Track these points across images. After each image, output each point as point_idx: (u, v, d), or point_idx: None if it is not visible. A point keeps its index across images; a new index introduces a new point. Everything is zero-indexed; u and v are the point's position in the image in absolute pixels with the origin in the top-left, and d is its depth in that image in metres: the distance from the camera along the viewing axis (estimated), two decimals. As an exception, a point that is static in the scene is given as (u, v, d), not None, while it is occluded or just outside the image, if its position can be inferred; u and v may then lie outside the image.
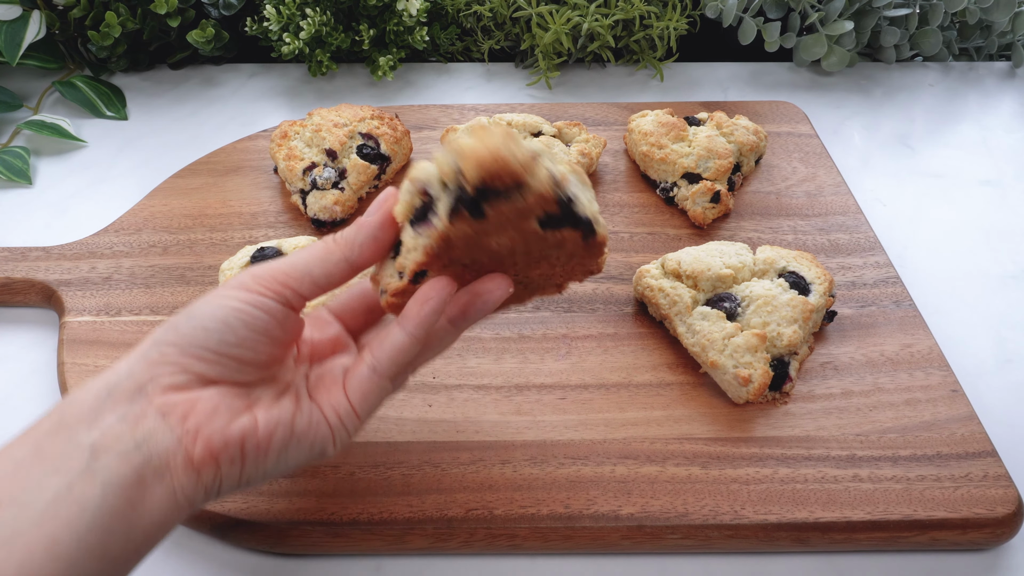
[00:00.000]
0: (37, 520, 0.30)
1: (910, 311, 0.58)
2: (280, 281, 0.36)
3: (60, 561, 0.30)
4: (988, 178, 0.76)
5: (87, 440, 0.32)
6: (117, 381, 0.34)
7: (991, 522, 0.45)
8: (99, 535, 0.31)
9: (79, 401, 0.33)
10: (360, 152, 0.67)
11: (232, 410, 0.35)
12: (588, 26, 0.82)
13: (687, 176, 0.66)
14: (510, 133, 0.33)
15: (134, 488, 0.32)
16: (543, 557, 0.45)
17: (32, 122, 0.76)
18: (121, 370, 0.34)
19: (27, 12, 0.78)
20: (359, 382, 0.38)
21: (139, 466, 0.32)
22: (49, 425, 0.33)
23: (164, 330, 0.35)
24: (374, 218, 0.37)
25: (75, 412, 0.33)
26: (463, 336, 0.55)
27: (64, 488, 0.31)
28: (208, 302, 0.36)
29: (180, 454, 0.33)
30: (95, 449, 0.32)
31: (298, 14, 0.80)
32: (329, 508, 0.45)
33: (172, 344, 0.35)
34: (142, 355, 0.35)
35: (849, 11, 0.86)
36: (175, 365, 0.34)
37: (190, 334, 0.35)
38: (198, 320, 0.35)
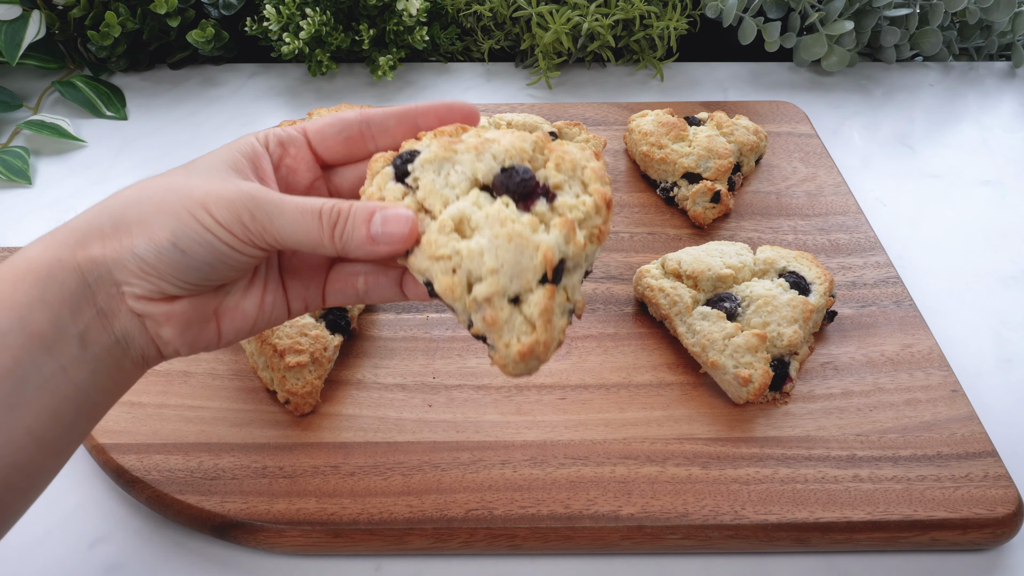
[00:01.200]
0: (38, 393, 0.33)
1: (910, 311, 0.58)
2: (273, 240, 0.36)
3: (61, 425, 0.34)
4: (988, 178, 0.76)
5: (74, 329, 0.34)
6: (96, 274, 0.34)
7: (991, 522, 0.45)
8: (91, 406, 0.35)
9: (59, 281, 0.33)
10: (360, 152, 0.67)
11: (201, 323, 0.37)
12: (588, 26, 0.82)
13: (687, 176, 0.66)
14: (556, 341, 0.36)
15: (117, 373, 0.36)
16: (543, 557, 0.45)
17: (32, 122, 0.76)
18: (99, 263, 0.34)
19: (27, 12, 0.78)
20: (343, 298, 0.41)
21: (119, 357, 0.36)
22: (31, 297, 0.33)
23: (145, 247, 0.34)
24: (379, 249, 0.36)
25: (57, 294, 0.33)
26: (463, 336, 0.55)
27: (59, 369, 0.33)
28: (200, 230, 0.34)
29: (153, 349, 0.37)
30: (83, 339, 0.34)
31: (298, 14, 0.80)
32: (329, 508, 0.45)
33: (153, 267, 0.34)
34: (119, 260, 0.34)
35: (849, 11, 0.86)
36: (151, 283, 0.35)
37: (172, 265, 0.35)
38: (183, 257, 0.34)
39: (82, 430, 0.36)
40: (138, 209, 0.35)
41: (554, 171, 0.37)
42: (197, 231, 0.34)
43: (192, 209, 0.35)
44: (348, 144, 0.40)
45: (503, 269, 0.34)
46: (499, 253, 0.34)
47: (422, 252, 0.35)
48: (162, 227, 0.34)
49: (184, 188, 0.35)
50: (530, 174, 0.36)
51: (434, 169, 0.36)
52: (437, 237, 0.35)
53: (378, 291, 0.41)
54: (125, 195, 0.36)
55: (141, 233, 0.34)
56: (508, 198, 0.36)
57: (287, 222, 0.35)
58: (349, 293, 0.41)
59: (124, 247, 0.34)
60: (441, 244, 0.34)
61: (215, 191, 0.35)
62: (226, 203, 0.35)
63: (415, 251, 0.35)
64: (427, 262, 0.35)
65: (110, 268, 0.34)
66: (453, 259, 0.34)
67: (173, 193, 0.35)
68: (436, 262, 0.35)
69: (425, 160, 0.37)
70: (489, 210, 0.35)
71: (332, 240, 0.35)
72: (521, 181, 0.36)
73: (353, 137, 0.40)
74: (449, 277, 0.34)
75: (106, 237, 0.35)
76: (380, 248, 0.35)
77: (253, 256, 0.36)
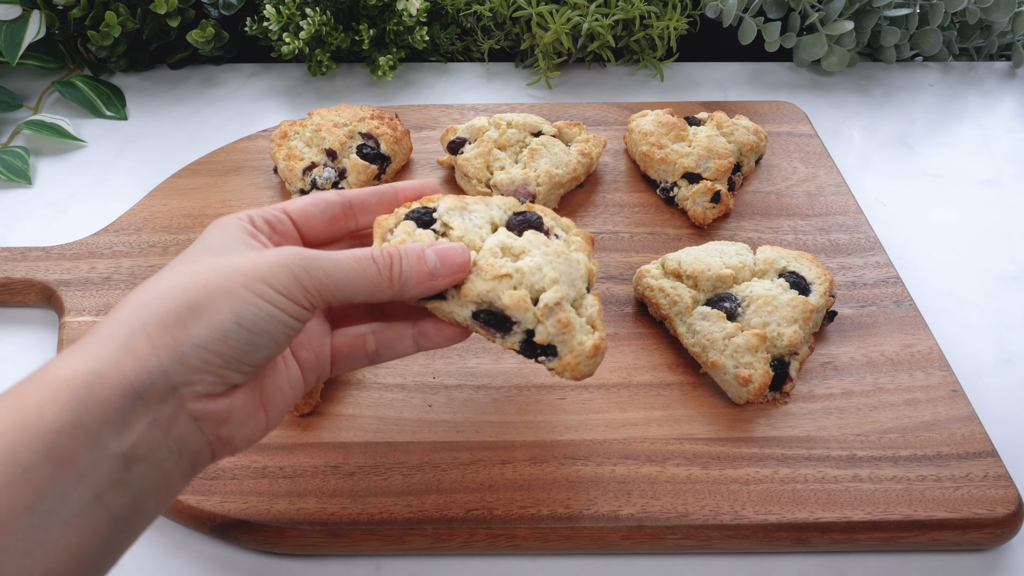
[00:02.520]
0: (63, 530, 0.28)
1: (910, 311, 0.58)
2: (330, 295, 0.35)
3: (86, 563, 0.29)
4: (988, 178, 0.76)
5: (117, 449, 0.30)
6: (149, 381, 0.31)
7: (991, 522, 0.45)
8: (123, 533, 0.31)
9: (101, 401, 0.29)
10: (360, 152, 0.67)
11: (255, 412, 0.35)
12: (588, 26, 0.82)
13: (687, 176, 0.66)
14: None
15: (163, 490, 0.32)
16: (543, 557, 0.45)
17: (32, 122, 0.76)
18: (151, 367, 0.31)
19: (27, 12, 0.78)
20: (352, 364, 0.41)
21: (170, 470, 0.32)
22: (62, 424, 0.29)
23: (202, 326, 0.32)
24: (437, 283, 0.37)
25: (98, 415, 0.29)
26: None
27: (92, 498, 0.29)
28: (258, 309, 0.33)
29: (207, 453, 0.34)
30: (128, 459, 0.30)
31: (298, 14, 0.80)
32: (329, 508, 0.45)
33: (219, 355, 0.32)
34: (179, 356, 0.31)
35: (849, 11, 0.86)
36: (216, 376, 0.32)
37: (239, 348, 0.32)
38: (250, 335, 0.33)
39: (108, 562, 0.31)
40: (185, 297, 0.32)
41: (546, 217, 0.44)
42: (260, 305, 0.33)
43: (248, 284, 0.33)
44: (332, 223, 0.41)
45: (562, 279, 0.40)
46: (553, 266, 0.40)
47: (479, 277, 0.39)
48: (221, 309, 0.32)
49: (227, 266, 0.33)
50: (537, 216, 0.43)
51: (458, 215, 0.41)
52: (494, 260, 0.39)
53: (390, 348, 0.41)
54: (160, 288, 0.33)
55: (198, 322, 0.32)
56: (534, 231, 0.42)
57: (344, 273, 0.35)
58: (358, 356, 0.41)
59: (180, 342, 0.31)
60: (501, 265, 0.39)
61: (263, 261, 0.34)
62: (280, 269, 0.33)
63: (468, 280, 0.39)
64: (489, 283, 0.38)
65: (165, 371, 0.31)
66: (515, 276, 0.39)
67: (218, 273, 0.33)
68: (500, 281, 0.38)
69: (448, 208, 0.41)
70: (528, 237, 0.41)
71: (391, 282, 0.36)
72: (532, 218, 0.43)
73: (337, 216, 0.41)
74: (516, 292, 0.38)
75: (154, 336, 0.31)
76: (439, 281, 0.37)
77: (306, 320, 0.35)
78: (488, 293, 0.38)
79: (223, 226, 0.37)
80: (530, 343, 0.40)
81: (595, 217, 0.66)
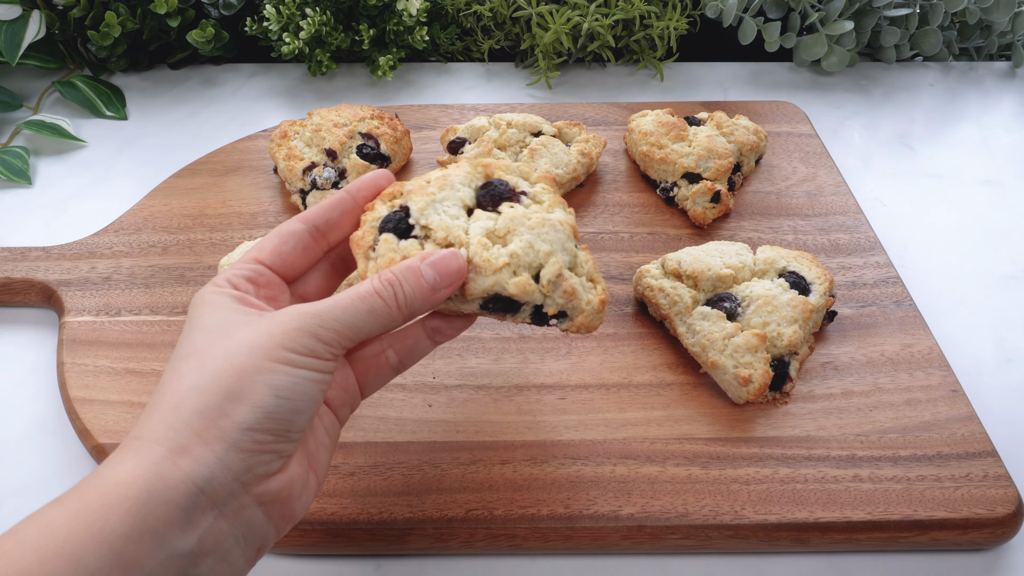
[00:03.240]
0: None
1: (910, 311, 0.58)
2: (348, 341, 0.35)
3: None
4: (988, 178, 0.76)
5: (185, 547, 0.30)
6: (209, 475, 0.31)
7: (991, 522, 0.45)
8: None
9: (164, 501, 0.30)
10: (360, 152, 0.67)
11: (307, 477, 0.35)
12: (588, 26, 0.82)
13: (687, 176, 0.66)
14: None
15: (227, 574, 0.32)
16: (543, 557, 0.45)
17: (32, 122, 0.76)
18: (208, 462, 0.31)
19: (27, 12, 0.78)
20: (380, 380, 0.41)
21: (237, 558, 0.32)
22: (128, 529, 0.29)
23: (244, 409, 0.32)
24: (440, 295, 0.37)
25: (164, 516, 0.29)
26: (463, 336, 0.55)
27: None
28: (292, 376, 0.33)
29: (272, 534, 0.34)
30: (195, 555, 0.30)
31: (298, 14, 0.80)
32: (329, 508, 0.45)
33: (268, 432, 0.32)
34: (232, 444, 0.31)
35: (849, 11, 0.86)
36: (272, 453, 0.33)
37: (284, 419, 0.33)
38: (290, 403, 0.33)
39: None
40: (219, 387, 0.32)
41: (508, 176, 0.43)
42: (291, 372, 0.33)
43: (273, 356, 0.33)
44: (305, 253, 0.41)
45: (554, 249, 0.40)
46: (543, 238, 0.40)
47: (480, 275, 0.38)
48: (256, 389, 0.32)
49: (245, 346, 0.33)
50: (503, 183, 0.42)
51: (432, 211, 0.40)
52: (487, 253, 0.39)
53: (410, 354, 0.41)
54: (187, 385, 0.33)
55: (239, 407, 0.32)
56: (507, 203, 0.41)
57: (355, 316, 0.35)
58: (383, 373, 0.41)
59: (228, 431, 0.31)
60: (497, 256, 0.39)
61: (277, 331, 0.34)
62: (296, 332, 0.34)
63: (470, 280, 0.39)
64: (492, 277, 0.38)
65: (223, 462, 0.31)
66: (512, 262, 0.39)
67: (239, 355, 0.33)
68: (500, 273, 0.38)
69: (421, 208, 0.40)
70: (508, 214, 0.40)
71: (399, 310, 0.36)
72: (500, 188, 0.42)
73: (308, 245, 0.41)
74: (519, 278, 0.38)
75: (202, 432, 0.31)
76: (442, 293, 0.37)
77: (333, 371, 0.35)
78: (493, 287, 0.39)
79: (212, 304, 0.36)
80: (539, 314, 0.41)
81: (595, 217, 0.66)
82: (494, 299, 0.39)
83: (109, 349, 0.54)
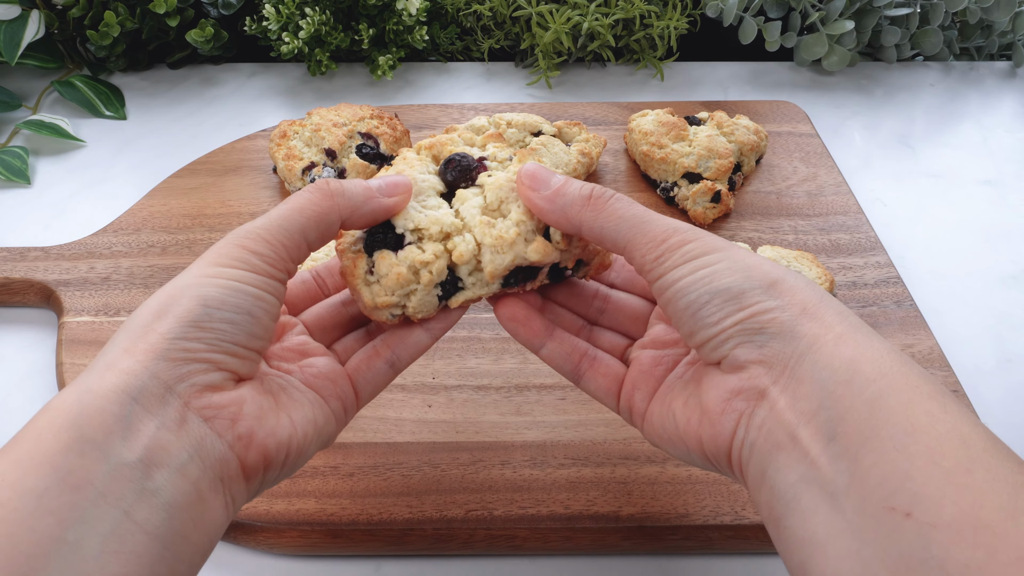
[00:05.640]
0: (99, 560, 0.25)
1: (911, 311, 0.57)
2: (288, 254, 0.34)
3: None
4: (988, 178, 0.76)
5: (131, 455, 0.27)
6: (139, 384, 0.29)
7: (992, 523, 0.44)
8: (169, 562, 0.27)
9: (97, 408, 0.28)
10: (359, 152, 0.67)
11: (272, 411, 0.33)
12: (588, 25, 0.82)
13: (687, 176, 0.66)
14: None
15: (196, 506, 0.29)
16: (543, 557, 0.45)
17: (31, 122, 0.76)
18: (136, 371, 0.29)
19: (26, 12, 0.78)
20: (374, 376, 0.38)
21: (197, 480, 0.29)
22: (63, 441, 0.27)
23: (171, 321, 0.30)
24: (389, 203, 0.36)
25: (98, 423, 0.27)
26: (463, 336, 0.55)
27: (121, 516, 0.26)
28: (221, 286, 0.32)
29: (233, 462, 0.31)
30: (146, 464, 0.28)
31: (297, 13, 0.80)
32: (329, 508, 0.45)
33: (197, 340, 0.30)
34: (160, 354, 0.30)
35: (850, 10, 0.86)
36: (207, 363, 0.31)
37: (217, 328, 0.31)
38: (220, 311, 0.31)
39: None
40: (149, 307, 0.31)
41: (460, 148, 0.41)
42: (219, 283, 0.32)
43: (202, 272, 0.32)
44: (308, 294, 0.42)
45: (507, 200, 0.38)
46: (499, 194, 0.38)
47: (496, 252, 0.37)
48: (183, 301, 0.31)
49: (184, 272, 0.33)
50: (463, 156, 0.40)
51: (412, 211, 0.38)
52: (496, 231, 0.37)
53: (403, 344, 0.38)
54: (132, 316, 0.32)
55: (166, 319, 0.31)
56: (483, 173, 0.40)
57: (282, 218, 0.34)
58: (379, 372, 0.38)
59: (155, 342, 0.30)
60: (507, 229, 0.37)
61: (209, 252, 0.33)
62: (224, 246, 0.33)
63: (487, 262, 0.37)
64: (510, 252, 0.37)
65: (152, 371, 0.29)
66: (521, 230, 0.37)
67: (176, 280, 0.33)
68: (516, 244, 0.37)
69: (399, 215, 0.38)
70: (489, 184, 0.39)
71: (331, 197, 0.35)
72: (464, 161, 0.40)
73: (312, 289, 0.41)
74: (535, 243, 0.37)
75: (130, 348, 0.30)
76: (383, 201, 0.36)
77: (272, 288, 0.33)
78: (514, 261, 0.37)
79: None
80: (557, 271, 0.39)
81: (595, 217, 0.66)
82: (514, 273, 0.38)
83: (108, 349, 0.54)
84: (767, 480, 0.30)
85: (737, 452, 0.31)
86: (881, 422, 0.27)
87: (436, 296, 0.37)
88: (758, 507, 0.31)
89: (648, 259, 0.33)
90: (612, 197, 0.35)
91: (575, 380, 0.39)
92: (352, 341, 0.40)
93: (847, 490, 0.26)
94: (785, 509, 0.28)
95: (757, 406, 0.31)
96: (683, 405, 0.34)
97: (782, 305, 0.31)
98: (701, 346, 0.33)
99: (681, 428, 0.34)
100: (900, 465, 0.26)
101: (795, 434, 0.29)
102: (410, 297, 0.37)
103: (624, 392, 0.38)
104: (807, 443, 0.28)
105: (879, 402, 0.27)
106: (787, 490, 0.28)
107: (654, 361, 0.38)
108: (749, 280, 0.32)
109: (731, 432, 0.31)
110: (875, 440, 0.27)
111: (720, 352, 0.32)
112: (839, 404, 0.28)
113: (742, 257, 0.33)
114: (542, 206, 0.36)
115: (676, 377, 0.37)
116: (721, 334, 0.32)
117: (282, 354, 0.37)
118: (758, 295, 0.31)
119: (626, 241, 0.34)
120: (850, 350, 0.29)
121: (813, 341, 0.30)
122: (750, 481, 0.31)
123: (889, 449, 0.26)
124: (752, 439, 0.30)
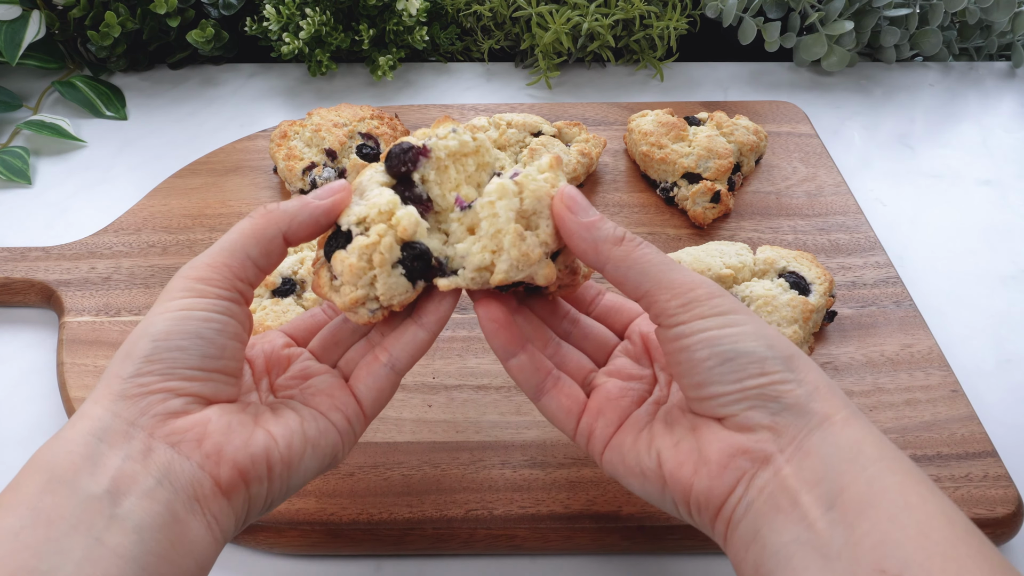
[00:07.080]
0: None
1: (910, 311, 0.58)
2: (233, 273, 0.35)
3: None
4: (988, 178, 0.76)
5: (97, 488, 0.29)
6: (102, 426, 0.31)
7: (991, 522, 0.45)
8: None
9: (66, 452, 0.30)
10: (360, 152, 0.67)
11: (244, 425, 0.33)
12: (588, 26, 0.82)
13: (687, 176, 0.66)
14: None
15: (171, 527, 0.30)
16: (543, 557, 0.45)
17: (32, 122, 0.76)
18: (99, 415, 0.31)
19: (27, 12, 0.78)
20: (375, 381, 0.38)
21: (168, 502, 0.30)
22: (37, 485, 0.29)
23: (128, 363, 0.32)
24: (324, 203, 0.36)
25: (66, 463, 0.29)
26: (463, 336, 0.55)
27: (93, 543, 0.28)
28: (167, 319, 0.33)
29: (206, 481, 0.31)
30: (112, 494, 0.29)
31: (298, 14, 0.80)
32: (329, 508, 0.45)
33: (150, 374, 0.32)
34: (118, 394, 0.32)
35: (849, 11, 0.86)
36: (163, 392, 0.32)
37: (166, 358, 0.32)
38: (167, 342, 0.32)
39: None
40: (119, 354, 0.33)
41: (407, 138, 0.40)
42: (165, 316, 0.33)
43: (155, 311, 0.34)
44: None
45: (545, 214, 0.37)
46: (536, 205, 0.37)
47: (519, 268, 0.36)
48: (140, 343, 0.33)
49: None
50: (405, 144, 0.38)
51: (354, 205, 0.37)
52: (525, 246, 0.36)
53: (398, 341, 0.38)
54: None
55: (125, 363, 0.32)
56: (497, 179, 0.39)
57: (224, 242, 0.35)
58: (380, 376, 0.38)
59: (115, 386, 0.32)
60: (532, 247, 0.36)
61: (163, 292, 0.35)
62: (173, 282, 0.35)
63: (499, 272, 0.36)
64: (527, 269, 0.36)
65: (115, 412, 0.31)
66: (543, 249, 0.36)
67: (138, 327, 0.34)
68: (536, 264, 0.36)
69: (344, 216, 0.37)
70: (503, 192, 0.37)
71: (267, 214, 0.36)
72: (399, 147, 0.38)
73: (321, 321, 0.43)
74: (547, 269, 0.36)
75: (96, 398, 0.32)
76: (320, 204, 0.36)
77: (223, 309, 0.34)
78: (525, 277, 0.36)
79: None
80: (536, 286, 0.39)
81: (595, 217, 0.66)
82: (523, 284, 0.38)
83: (109, 349, 0.54)
84: (760, 539, 0.31)
85: (731, 508, 0.33)
86: (878, 497, 0.30)
87: (401, 276, 0.36)
88: (739, 564, 0.32)
89: (672, 305, 0.34)
90: (643, 243, 0.36)
91: (535, 397, 0.39)
92: (354, 353, 0.40)
93: (840, 552, 0.29)
94: (776, 566, 0.30)
95: (761, 468, 0.32)
96: (673, 448, 0.35)
97: (799, 380, 0.33)
98: (708, 399, 0.34)
99: (666, 470, 0.35)
100: (893, 535, 0.28)
101: (797, 500, 0.31)
102: (375, 285, 0.36)
103: (586, 417, 0.38)
104: (807, 508, 0.30)
105: (878, 480, 0.30)
106: (781, 548, 0.30)
107: (620, 392, 0.39)
108: (772, 349, 0.33)
109: (730, 488, 0.33)
110: (871, 511, 0.29)
111: (730, 410, 0.33)
112: (842, 478, 0.30)
113: (764, 325, 0.35)
114: (576, 231, 0.36)
115: (646, 414, 0.38)
116: (737, 393, 0.33)
117: (287, 383, 0.39)
118: (778, 365, 0.33)
119: (651, 285, 0.35)
120: (855, 432, 0.32)
121: (823, 420, 0.32)
122: (737, 537, 0.32)
123: (884, 520, 0.29)
124: (751, 499, 0.32)
